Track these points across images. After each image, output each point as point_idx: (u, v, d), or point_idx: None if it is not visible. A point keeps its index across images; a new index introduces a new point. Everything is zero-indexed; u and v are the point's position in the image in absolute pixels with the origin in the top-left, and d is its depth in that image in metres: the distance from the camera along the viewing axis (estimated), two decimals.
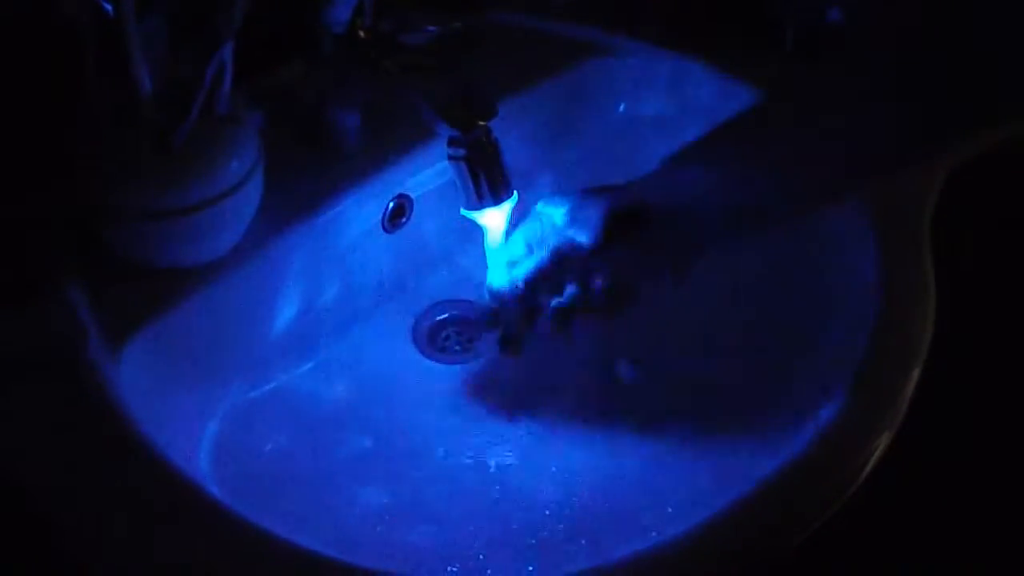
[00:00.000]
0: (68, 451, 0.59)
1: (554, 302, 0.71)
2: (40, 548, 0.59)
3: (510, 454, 0.75)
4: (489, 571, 0.66)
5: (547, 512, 0.71)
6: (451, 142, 0.70)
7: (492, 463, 0.74)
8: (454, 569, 0.66)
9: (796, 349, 0.73)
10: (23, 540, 0.60)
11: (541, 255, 0.71)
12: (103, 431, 0.59)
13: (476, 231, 0.75)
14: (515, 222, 0.74)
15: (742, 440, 0.70)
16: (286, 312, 0.76)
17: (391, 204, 0.79)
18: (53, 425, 0.60)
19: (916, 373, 0.68)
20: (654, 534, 0.60)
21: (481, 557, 0.67)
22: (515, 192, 0.73)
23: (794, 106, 0.68)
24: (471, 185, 0.71)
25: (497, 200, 0.72)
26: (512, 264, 0.73)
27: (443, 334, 0.83)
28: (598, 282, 0.70)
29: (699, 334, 0.76)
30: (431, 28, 0.85)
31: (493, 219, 0.73)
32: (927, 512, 1.02)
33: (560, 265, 0.71)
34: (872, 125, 0.64)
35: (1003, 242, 0.97)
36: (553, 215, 0.70)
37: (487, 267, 0.76)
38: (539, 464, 0.74)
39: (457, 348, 0.82)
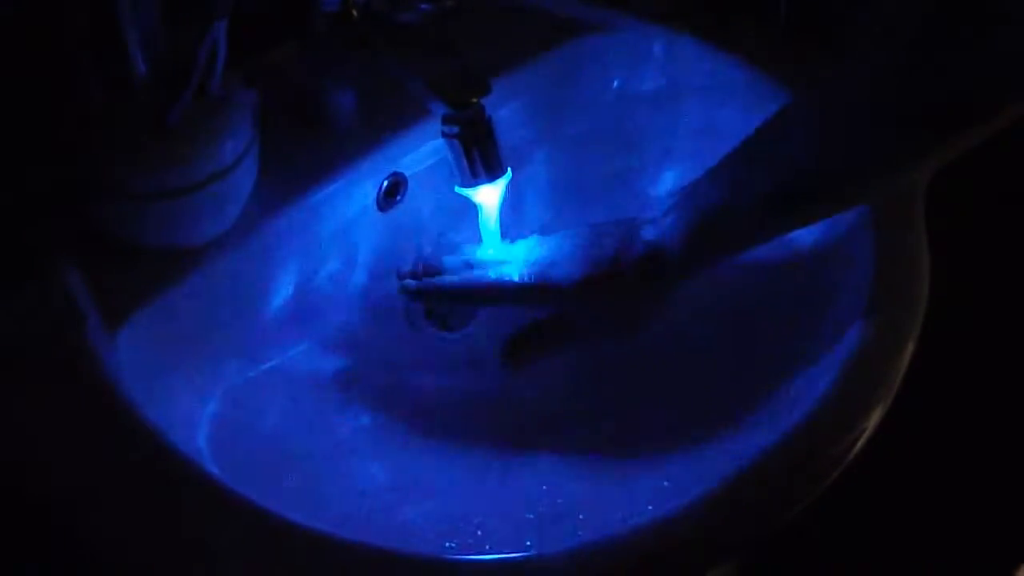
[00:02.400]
0: (66, 434, 0.59)
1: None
2: (40, 530, 0.59)
3: (508, 429, 0.75)
4: (488, 546, 0.67)
5: (545, 487, 0.71)
6: (445, 120, 0.70)
7: (490, 438, 0.74)
8: (452, 544, 0.67)
9: (789, 325, 0.74)
10: (22, 523, 0.60)
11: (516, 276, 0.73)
12: (101, 413, 0.60)
13: (471, 208, 0.75)
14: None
15: (737, 416, 0.70)
16: (282, 291, 0.76)
17: (385, 182, 0.79)
18: (51, 408, 0.60)
19: (910, 347, 0.68)
20: (651, 508, 0.60)
21: (479, 532, 0.68)
22: (509, 169, 0.73)
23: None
24: (465, 162, 0.71)
25: (491, 177, 0.72)
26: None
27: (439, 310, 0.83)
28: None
29: (693, 309, 0.76)
30: (424, 6, 0.85)
31: (487, 196, 0.73)
32: (919, 487, 1.02)
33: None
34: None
35: (999, 214, 0.97)
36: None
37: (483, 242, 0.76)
38: (537, 439, 0.75)
39: (453, 324, 0.82)
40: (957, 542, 1.04)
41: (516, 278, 0.72)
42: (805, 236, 0.75)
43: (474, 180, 0.72)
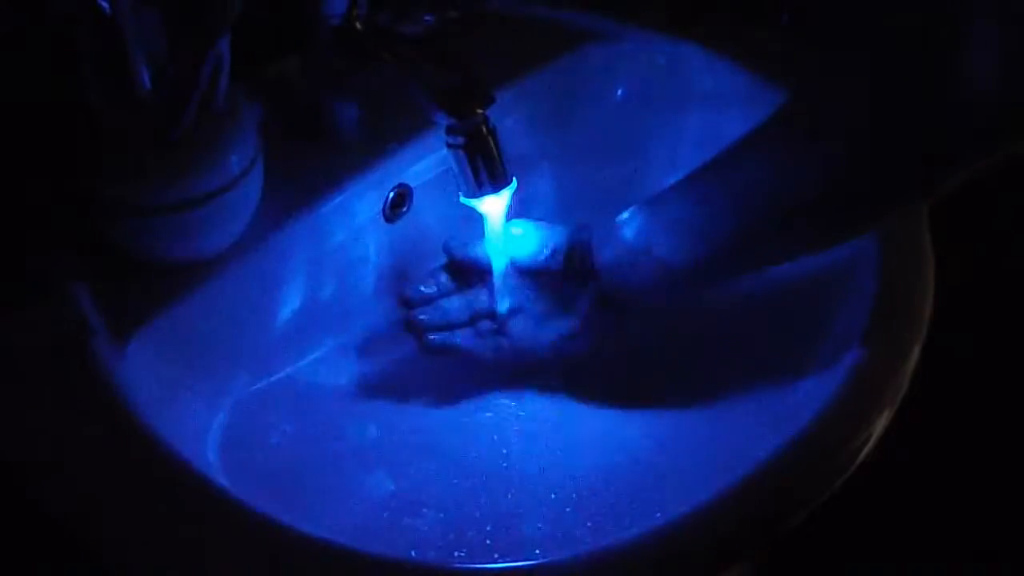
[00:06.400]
0: (76, 448, 0.59)
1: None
2: (49, 545, 0.60)
3: (515, 438, 0.75)
4: (496, 555, 0.67)
5: (553, 496, 0.71)
6: (449, 131, 0.71)
7: (497, 448, 0.75)
8: (461, 554, 0.67)
9: (796, 327, 0.74)
10: (32, 537, 0.60)
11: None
12: (110, 427, 0.60)
13: (476, 219, 0.75)
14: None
15: (743, 421, 0.71)
16: (290, 303, 0.76)
17: (391, 194, 0.79)
18: (60, 423, 0.60)
19: (916, 350, 0.68)
20: (659, 515, 0.60)
21: (488, 542, 0.68)
22: (514, 179, 0.73)
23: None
24: (470, 173, 0.71)
25: (496, 187, 0.72)
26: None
27: None
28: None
29: (695, 316, 0.76)
30: (428, 18, 0.85)
31: (492, 206, 0.73)
32: (928, 489, 1.02)
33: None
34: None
35: (1004, 218, 0.97)
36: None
37: (489, 253, 0.76)
38: (544, 448, 0.75)
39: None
40: (964, 545, 1.03)
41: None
42: None
43: (479, 191, 0.72)
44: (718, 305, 0.76)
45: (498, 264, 0.75)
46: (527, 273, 0.75)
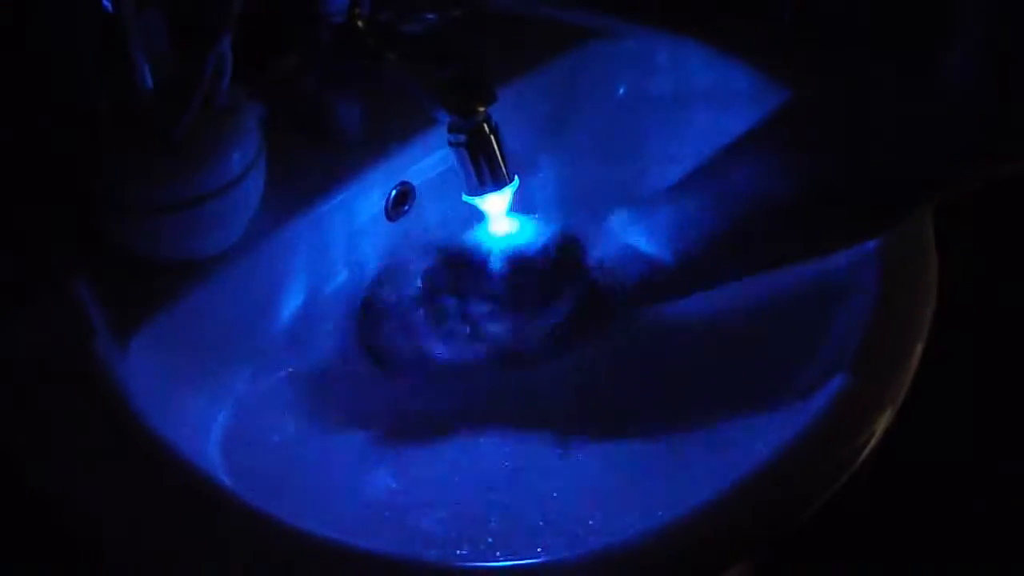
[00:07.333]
0: (78, 448, 0.59)
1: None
2: (50, 545, 0.60)
3: (517, 437, 0.75)
4: (498, 553, 0.67)
5: (555, 494, 0.71)
6: (452, 128, 0.71)
7: (500, 446, 0.75)
8: (463, 552, 0.67)
9: (797, 326, 0.74)
10: (33, 536, 0.61)
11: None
12: (112, 426, 0.60)
13: (479, 217, 0.75)
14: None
15: (747, 420, 0.70)
16: (292, 302, 0.76)
17: (393, 192, 0.79)
18: (62, 423, 0.61)
19: (919, 348, 0.68)
20: (660, 514, 0.60)
21: (490, 540, 0.68)
22: (516, 177, 0.73)
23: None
24: (472, 171, 0.72)
25: (498, 185, 0.72)
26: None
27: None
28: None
29: (699, 313, 0.76)
30: (430, 16, 0.85)
31: (495, 204, 0.73)
32: (928, 488, 1.02)
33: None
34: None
35: (1005, 214, 0.97)
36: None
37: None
38: (547, 446, 0.75)
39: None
40: (964, 545, 1.04)
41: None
42: None
43: (481, 189, 0.72)
44: (718, 302, 0.76)
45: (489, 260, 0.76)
46: (515, 268, 0.75)
